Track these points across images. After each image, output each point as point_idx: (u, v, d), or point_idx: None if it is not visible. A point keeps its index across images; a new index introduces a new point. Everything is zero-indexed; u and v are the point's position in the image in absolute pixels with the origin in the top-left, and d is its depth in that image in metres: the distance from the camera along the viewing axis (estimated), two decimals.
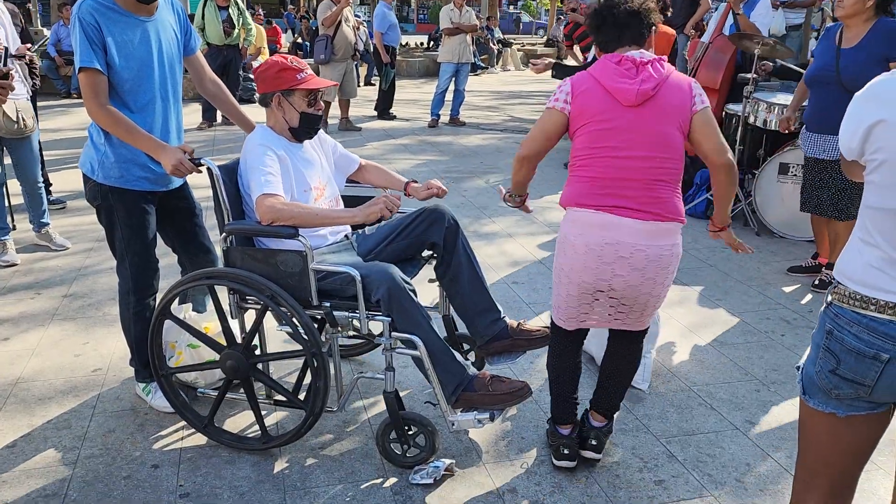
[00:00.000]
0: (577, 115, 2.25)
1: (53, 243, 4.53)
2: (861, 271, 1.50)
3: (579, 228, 2.25)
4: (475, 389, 2.42)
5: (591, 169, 2.24)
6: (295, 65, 2.55)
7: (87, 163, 2.59)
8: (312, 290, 2.39)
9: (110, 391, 2.93)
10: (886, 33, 3.58)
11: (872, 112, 1.44)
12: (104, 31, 2.39)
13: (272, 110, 2.57)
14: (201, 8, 8.36)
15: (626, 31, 2.29)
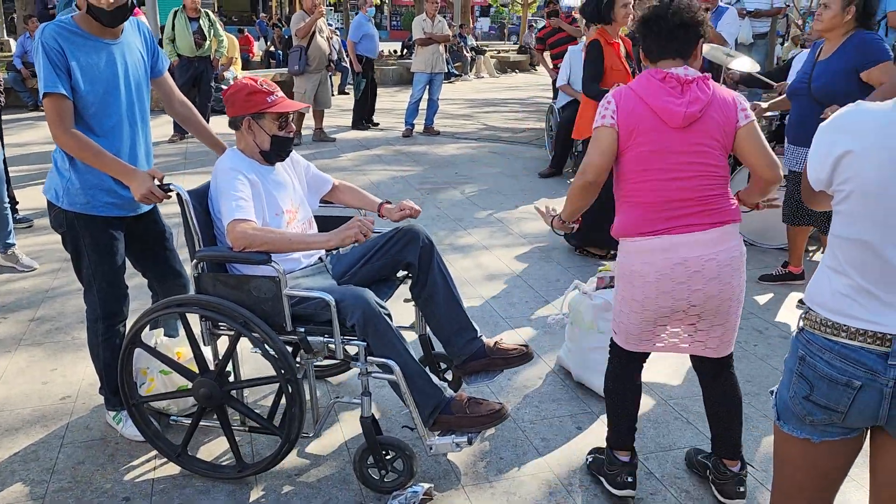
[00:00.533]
0: (625, 134, 2.18)
1: (20, 264, 4.43)
2: (831, 298, 1.51)
3: (644, 257, 2.21)
4: (452, 412, 2.40)
5: (643, 194, 2.20)
6: (265, 87, 2.51)
7: (52, 189, 2.53)
8: (286, 316, 2.36)
9: (80, 420, 2.87)
10: (858, 44, 3.60)
11: (840, 143, 1.45)
12: (68, 55, 2.34)
13: (242, 133, 2.53)
14: (171, 19, 8.27)
15: (672, 43, 2.19)
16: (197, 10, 8.28)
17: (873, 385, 1.45)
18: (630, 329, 2.34)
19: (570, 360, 3.21)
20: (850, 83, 3.63)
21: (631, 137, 2.18)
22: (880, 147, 1.40)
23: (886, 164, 1.39)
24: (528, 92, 15.17)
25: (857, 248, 1.47)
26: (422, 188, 6.58)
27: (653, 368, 3.33)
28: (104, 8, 2.32)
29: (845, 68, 3.64)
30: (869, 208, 1.43)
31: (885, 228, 1.42)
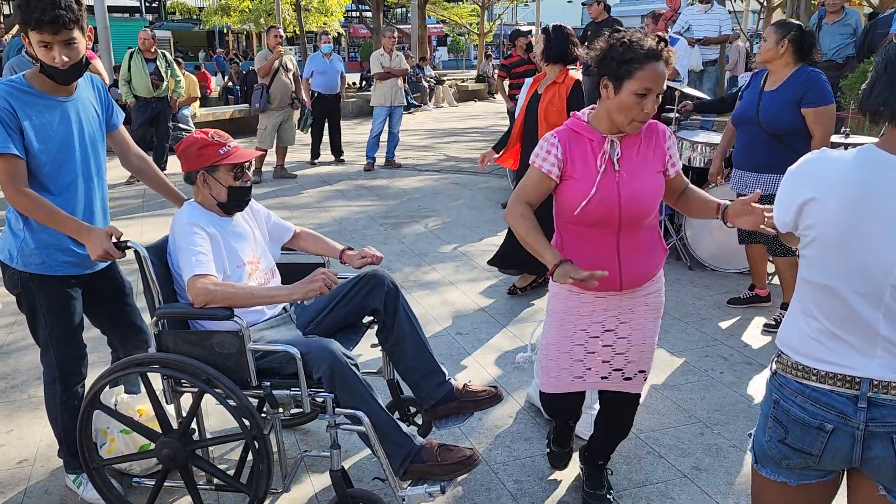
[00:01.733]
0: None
1: None
2: (801, 342, 1.54)
3: None
4: (424, 460, 2.38)
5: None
6: (216, 139, 2.49)
7: (6, 250, 2.46)
8: (251, 371, 2.32)
9: (38, 485, 2.77)
10: (803, 81, 3.77)
11: (804, 190, 1.49)
12: (20, 115, 2.30)
13: (198, 187, 2.51)
14: (127, 60, 8.17)
15: None
16: (153, 51, 8.23)
17: (845, 429, 1.47)
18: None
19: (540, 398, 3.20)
20: (796, 116, 3.80)
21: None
22: (840, 197, 1.43)
23: (845, 213, 1.43)
24: (487, 121, 15.34)
25: (821, 292, 1.50)
26: (385, 223, 6.58)
27: None
28: (58, 67, 2.28)
29: (792, 103, 3.79)
30: (830, 255, 1.47)
31: (846, 275, 1.45)
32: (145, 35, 8.25)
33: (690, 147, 5.14)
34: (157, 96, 8.27)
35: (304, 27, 20.01)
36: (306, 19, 22.76)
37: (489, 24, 29.39)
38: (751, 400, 3.36)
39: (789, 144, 3.82)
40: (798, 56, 3.80)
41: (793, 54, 3.79)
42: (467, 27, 30.19)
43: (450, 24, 32.01)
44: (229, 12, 24.43)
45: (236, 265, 2.51)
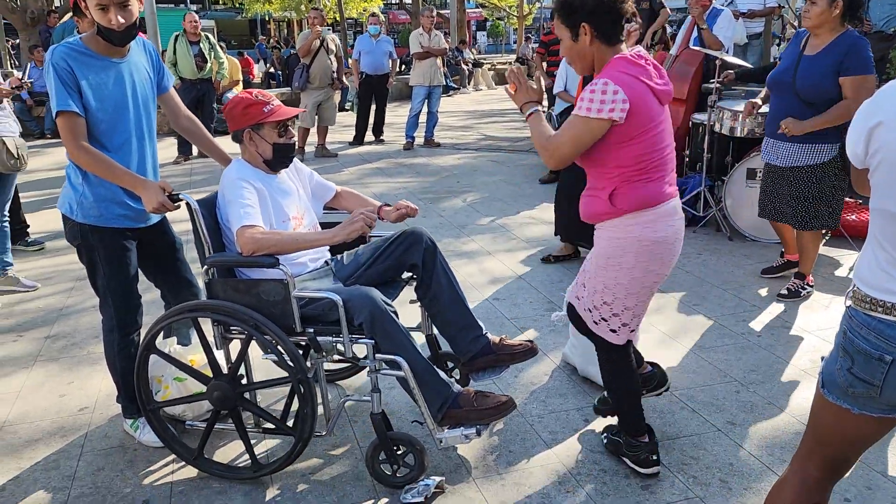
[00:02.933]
0: (634, 124, 2.19)
1: (20, 285, 4.51)
2: (870, 274, 1.54)
3: (657, 225, 2.31)
4: (461, 406, 2.46)
5: (657, 170, 2.29)
6: (260, 98, 2.61)
7: (66, 203, 2.62)
8: (296, 318, 2.43)
9: (98, 429, 2.94)
10: (847, 46, 3.60)
11: (872, 117, 1.50)
12: (78, 74, 2.44)
13: (245, 145, 2.62)
14: (172, 43, 8.42)
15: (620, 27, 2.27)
16: (197, 33, 8.44)
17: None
18: (628, 314, 2.42)
19: (575, 356, 3.26)
20: (835, 84, 3.65)
21: (644, 122, 2.20)
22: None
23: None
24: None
25: (888, 220, 1.49)
26: (424, 198, 6.67)
27: (655, 358, 3.38)
28: (114, 29, 2.41)
29: (832, 69, 3.64)
30: (893, 178, 1.46)
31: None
32: (191, 18, 8.48)
33: (732, 117, 5.09)
34: (201, 78, 8.49)
35: (345, 13, 20.16)
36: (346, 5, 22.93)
37: (528, 7, 29.14)
38: (788, 361, 3.36)
39: (820, 109, 3.68)
40: (846, 19, 3.63)
41: (841, 17, 3.62)
42: (507, 10, 29.99)
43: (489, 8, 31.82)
44: (271, 0, 24.76)
45: (282, 220, 2.62)
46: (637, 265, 2.34)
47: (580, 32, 2.25)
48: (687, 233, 5.38)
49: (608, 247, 2.37)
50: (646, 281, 2.38)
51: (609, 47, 2.27)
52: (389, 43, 9.62)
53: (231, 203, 2.50)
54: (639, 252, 2.33)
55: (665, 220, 2.33)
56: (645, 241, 2.32)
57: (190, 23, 8.41)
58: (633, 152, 2.24)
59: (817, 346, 3.51)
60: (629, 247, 2.33)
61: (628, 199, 2.28)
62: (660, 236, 2.32)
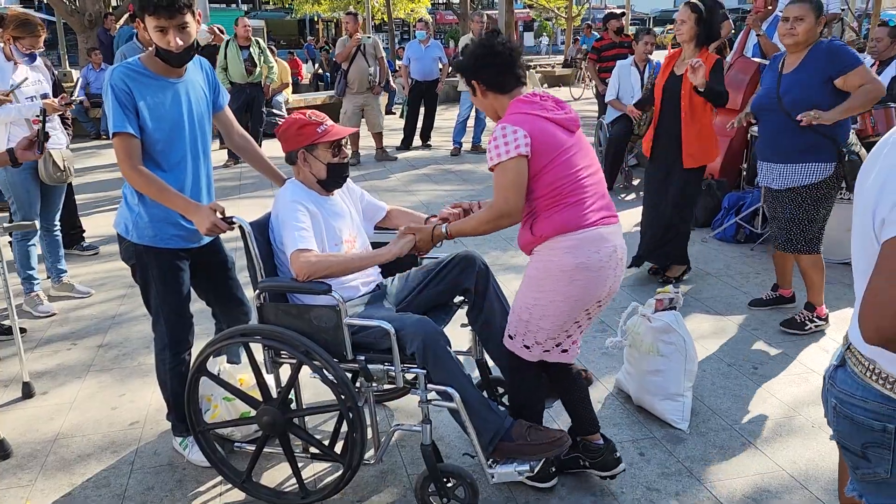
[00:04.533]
0: (540, 154, 2.28)
1: (75, 291, 4.58)
2: None
3: (589, 248, 2.31)
4: (513, 439, 2.39)
5: (572, 195, 2.31)
6: (314, 119, 2.58)
7: (122, 223, 2.62)
8: (347, 345, 2.39)
9: (148, 446, 2.95)
10: (826, 52, 3.49)
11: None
12: (136, 95, 2.44)
13: (299, 166, 2.60)
14: (223, 48, 8.52)
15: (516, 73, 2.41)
16: (248, 38, 8.53)
17: None
18: (543, 334, 2.40)
19: (629, 384, 3.16)
20: (824, 93, 3.50)
21: (548, 153, 2.28)
22: None
23: None
24: (575, 106, 15.08)
25: None
26: None
27: (715, 391, 3.25)
28: (172, 50, 2.41)
29: (820, 79, 3.50)
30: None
31: None
32: (243, 23, 8.57)
33: None
34: (250, 82, 8.56)
35: (392, 14, 20.21)
36: (394, 6, 23.01)
37: (577, 9, 28.83)
38: None
39: (817, 128, 3.48)
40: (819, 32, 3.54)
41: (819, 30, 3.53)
42: (555, 11, 29.72)
43: (537, 9, 31.60)
44: (320, 1, 25.00)
45: (334, 243, 2.58)
46: (555, 290, 2.33)
47: (476, 89, 2.44)
48: (744, 251, 5.26)
49: (531, 271, 2.40)
50: (566, 308, 2.35)
51: (505, 95, 2.41)
52: (439, 48, 9.57)
53: (285, 225, 2.48)
54: (558, 278, 2.32)
55: (589, 247, 2.31)
56: (565, 267, 2.31)
57: (242, 27, 8.51)
58: (546, 180, 2.29)
59: None
60: (550, 271, 2.33)
61: (546, 225, 2.32)
62: (579, 262, 2.30)
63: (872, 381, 1.38)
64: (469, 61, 2.43)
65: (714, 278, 4.67)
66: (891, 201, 1.25)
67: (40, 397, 3.35)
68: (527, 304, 2.39)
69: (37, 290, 4.35)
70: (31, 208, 4.23)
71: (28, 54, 4.21)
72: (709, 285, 4.56)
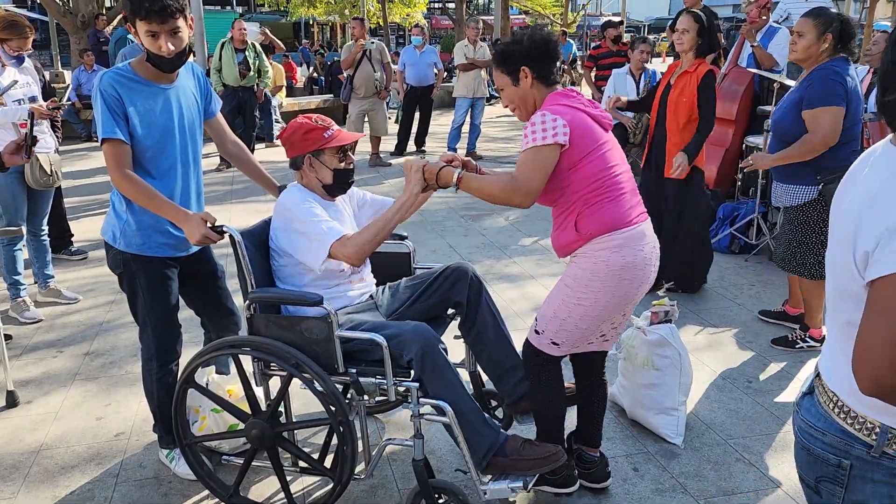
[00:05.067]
0: (579, 145, 2.24)
1: (62, 298, 4.51)
2: None
3: (634, 245, 2.28)
4: (507, 454, 2.35)
5: (612, 190, 2.29)
6: (320, 123, 2.54)
7: (109, 231, 2.57)
8: (338, 357, 2.35)
9: (133, 457, 2.89)
10: (812, 78, 3.31)
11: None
12: (125, 101, 2.39)
13: (304, 171, 2.56)
14: (219, 50, 8.49)
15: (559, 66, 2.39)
16: (244, 41, 8.49)
17: None
18: (578, 333, 2.37)
19: (624, 397, 3.13)
20: (792, 119, 3.36)
21: (585, 146, 2.25)
22: None
23: None
24: None
25: None
26: (466, 215, 6.57)
27: (710, 405, 3.22)
28: (164, 56, 2.36)
29: (795, 104, 3.36)
30: None
31: None
32: (239, 26, 8.53)
33: None
34: (243, 85, 8.52)
35: (388, 18, 20.19)
36: (390, 11, 23.01)
37: (573, 15, 28.89)
38: None
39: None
40: (837, 51, 3.30)
41: (833, 49, 3.29)
42: (551, 18, 29.78)
43: (532, 15, 31.66)
44: (315, 4, 24.98)
45: None
46: (603, 290, 2.29)
47: (520, 77, 2.35)
48: (738, 261, 5.24)
49: (577, 271, 2.34)
50: (608, 308, 2.33)
51: (547, 88, 2.37)
52: (434, 53, 9.55)
53: (307, 224, 2.42)
54: (606, 277, 2.28)
55: (633, 245, 2.29)
56: (613, 267, 2.27)
57: (238, 30, 8.47)
58: (584, 173, 2.26)
59: None
60: (598, 271, 2.29)
61: (592, 222, 2.28)
62: (628, 261, 2.28)
63: (834, 413, 1.31)
64: (526, 45, 2.33)
65: (709, 289, 4.65)
66: (874, 235, 1.13)
67: (24, 406, 3.29)
68: (567, 304, 2.34)
69: (23, 295, 4.28)
70: (18, 213, 4.17)
71: (16, 56, 4.15)
72: (703, 297, 4.54)
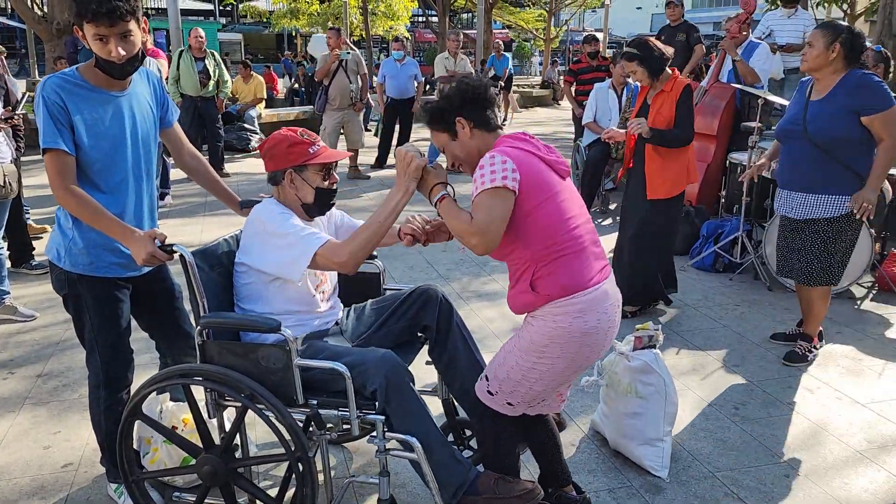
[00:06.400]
0: (531, 193, 2.07)
1: (18, 315, 4.29)
2: None
3: (587, 315, 2.11)
4: (479, 492, 2.18)
5: (571, 245, 2.11)
6: (305, 138, 2.36)
7: (54, 249, 2.38)
8: (297, 388, 2.17)
9: (80, 492, 2.68)
10: (853, 85, 3.39)
11: None
12: (71, 109, 2.21)
13: (283, 187, 2.37)
14: (176, 59, 8.25)
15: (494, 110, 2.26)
16: (202, 50, 8.27)
17: None
18: (533, 394, 2.21)
19: (606, 426, 2.97)
20: (851, 126, 3.40)
21: (541, 191, 2.09)
22: None
23: None
24: (551, 127, 15.04)
25: None
26: None
27: (695, 433, 3.07)
28: (114, 61, 2.19)
29: (846, 111, 3.40)
30: None
31: None
32: (196, 34, 8.27)
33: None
34: (202, 95, 8.29)
35: (371, 31, 20.11)
36: (373, 23, 22.93)
37: (555, 30, 29.02)
38: (841, 440, 3.04)
39: (841, 159, 3.42)
40: (848, 61, 3.42)
41: (843, 59, 3.41)
42: (533, 33, 29.89)
43: (515, 30, 31.78)
44: (298, 15, 24.84)
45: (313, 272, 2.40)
46: (562, 356, 2.13)
47: (458, 129, 2.20)
48: (723, 280, 5.13)
49: (533, 335, 2.15)
50: (566, 371, 2.17)
51: (489, 133, 2.22)
52: (415, 66, 9.40)
53: (287, 238, 2.23)
54: (566, 343, 2.11)
55: (596, 309, 2.11)
56: (574, 333, 2.10)
57: (195, 38, 8.22)
58: (538, 225, 2.08)
59: (872, 422, 3.18)
60: (557, 337, 2.11)
61: (550, 283, 2.10)
62: (590, 327, 2.11)
63: None
64: (456, 98, 2.20)
65: (692, 309, 4.52)
66: None
67: None
68: (522, 367, 2.17)
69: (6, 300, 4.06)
70: None
71: None
72: (687, 317, 4.41)
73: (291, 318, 2.35)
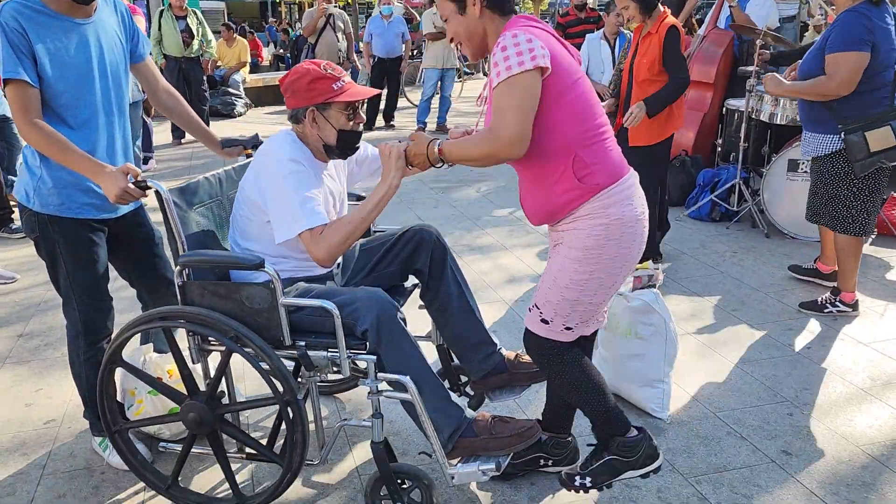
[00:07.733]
0: (560, 71, 1.85)
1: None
2: None
3: (635, 200, 1.97)
4: (476, 434, 2.09)
5: (604, 132, 1.95)
6: (329, 72, 2.15)
7: (22, 189, 2.25)
8: (284, 329, 2.06)
9: (63, 447, 2.59)
10: (835, 23, 3.25)
11: None
12: (32, 37, 2.06)
13: (305, 125, 2.19)
14: (157, 19, 7.96)
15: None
16: (183, 8, 7.96)
17: None
18: (592, 310, 2.03)
19: (605, 369, 2.88)
20: (815, 64, 3.30)
21: (569, 72, 1.88)
22: None
23: None
24: None
25: None
26: (436, 187, 6.28)
27: (696, 376, 3.00)
28: None
29: (819, 49, 3.31)
30: None
31: None
32: None
33: (773, 102, 4.67)
34: (187, 56, 8.00)
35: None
36: None
37: None
38: (844, 378, 2.97)
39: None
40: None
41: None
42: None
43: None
44: None
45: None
46: (618, 254, 1.95)
47: (468, 3, 1.95)
48: (720, 229, 5.04)
49: (585, 237, 1.94)
50: (623, 271, 2.00)
51: (502, 17, 1.97)
52: (402, 24, 9.16)
53: (287, 193, 2.06)
54: (621, 237, 1.93)
55: (638, 194, 2.00)
56: (628, 223, 1.93)
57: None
58: (571, 108, 1.88)
59: (875, 360, 3.11)
60: (612, 233, 1.93)
61: (598, 172, 1.90)
62: (640, 213, 1.97)
63: None
64: None
65: (689, 258, 4.43)
66: None
67: None
68: (578, 282, 1.97)
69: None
70: None
71: None
72: (684, 265, 4.32)
73: (289, 263, 2.24)
